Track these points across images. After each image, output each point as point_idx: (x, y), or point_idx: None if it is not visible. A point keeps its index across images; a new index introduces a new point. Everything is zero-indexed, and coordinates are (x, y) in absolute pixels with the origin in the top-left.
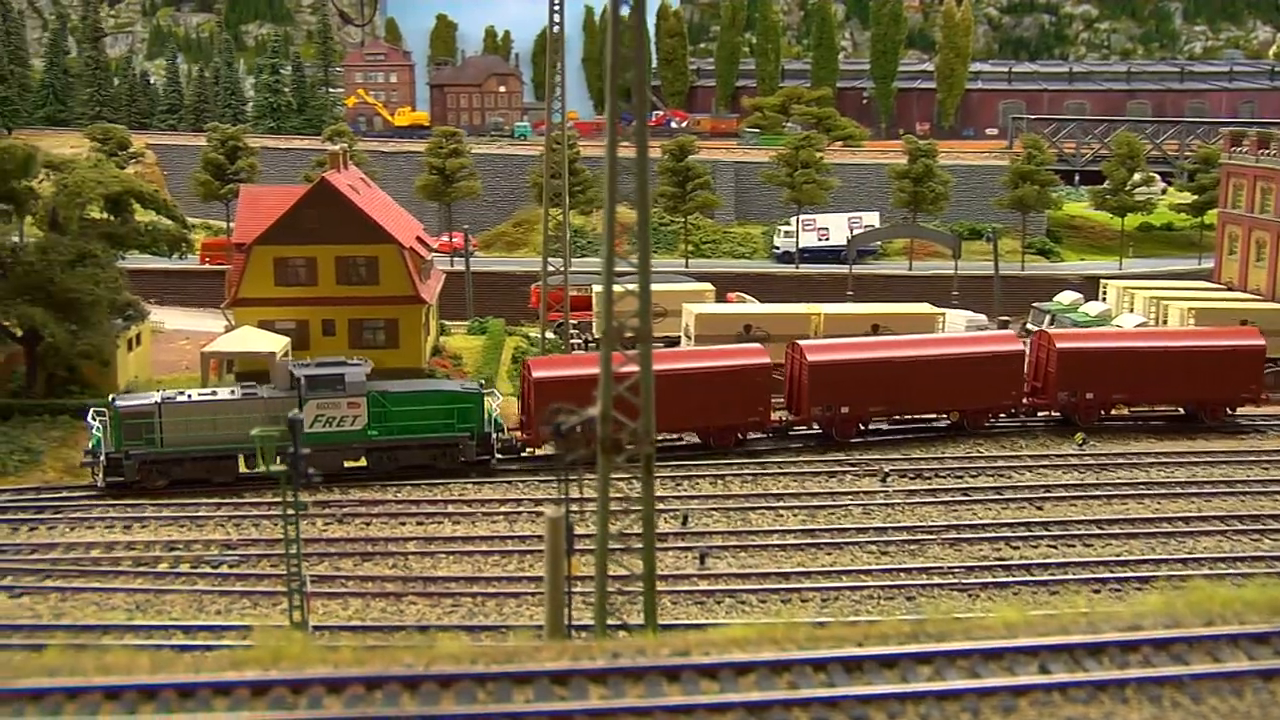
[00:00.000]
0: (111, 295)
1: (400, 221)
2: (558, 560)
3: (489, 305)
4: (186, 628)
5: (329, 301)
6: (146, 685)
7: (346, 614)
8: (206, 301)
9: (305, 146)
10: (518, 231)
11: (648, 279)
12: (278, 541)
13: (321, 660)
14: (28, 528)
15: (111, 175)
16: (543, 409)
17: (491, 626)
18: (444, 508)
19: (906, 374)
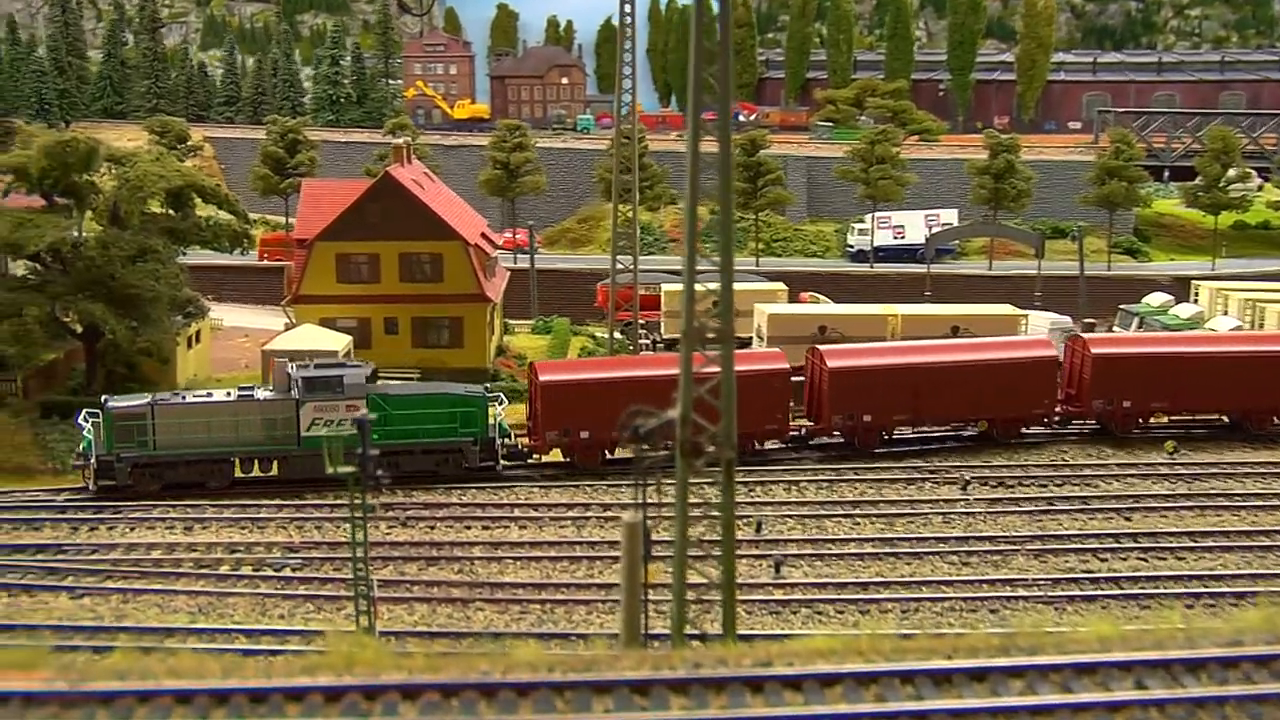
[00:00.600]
0: (172, 291)
1: (464, 217)
2: (635, 566)
3: (553, 304)
4: (249, 631)
5: (392, 299)
6: (218, 690)
7: (412, 619)
8: (265, 298)
9: (365, 140)
10: (582, 228)
11: (730, 278)
12: (340, 544)
13: (395, 666)
14: (88, 528)
15: (173, 169)
16: (549, 413)
17: (562, 634)
18: (510, 511)
19: (932, 381)
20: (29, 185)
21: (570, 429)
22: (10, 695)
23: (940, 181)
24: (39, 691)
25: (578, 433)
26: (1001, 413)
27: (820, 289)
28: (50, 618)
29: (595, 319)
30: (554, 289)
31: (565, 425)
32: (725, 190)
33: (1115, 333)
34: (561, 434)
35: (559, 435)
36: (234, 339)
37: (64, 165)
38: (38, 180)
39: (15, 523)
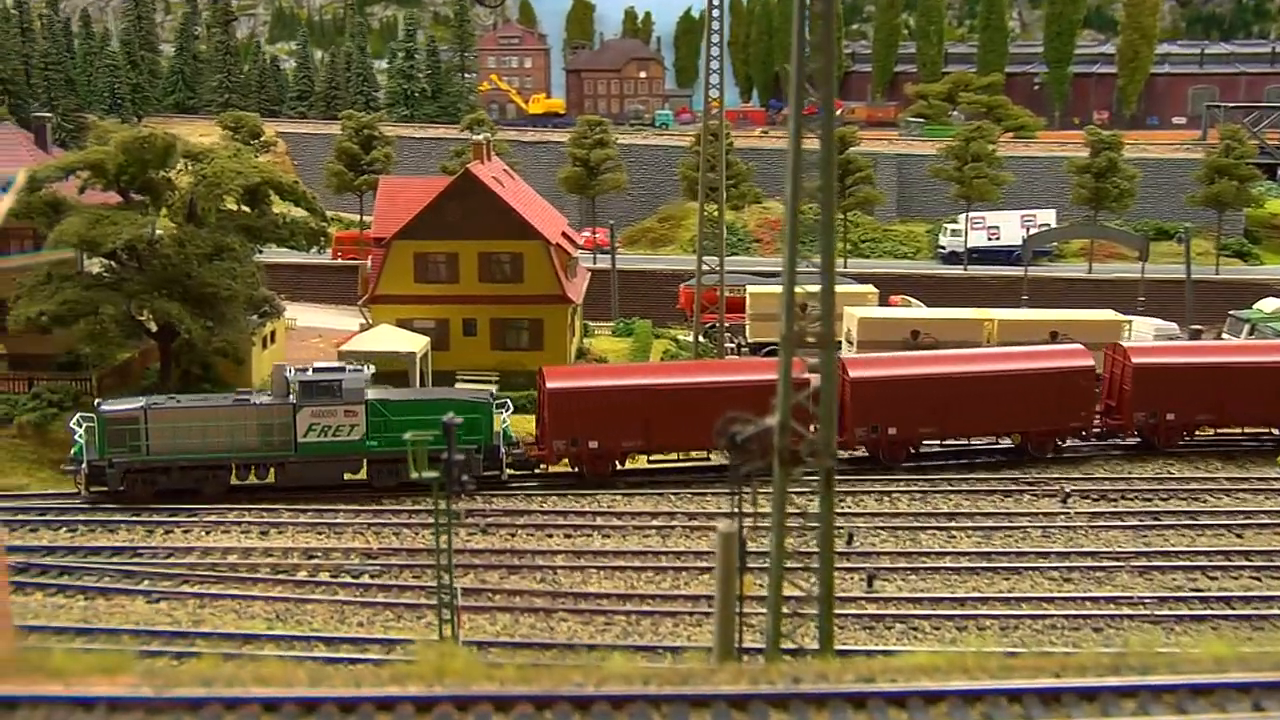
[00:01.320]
0: (248, 290)
1: (545, 216)
2: (730, 577)
3: (634, 305)
4: (328, 639)
5: (470, 300)
6: (306, 698)
7: (494, 629)
8: (338, 298)
9: (441, 136)
10: (663, 227)
11: (831, 281)
12: (419, 551)
13: (487, 677)
14: (163, 530)
15: (251, 165)
16: (557, 422)
17: (649, 647)
18: (592, 520)
19: (960, 392)
20: (105, 181)
21: (579, 438)
22: (96, 700)
23: (1037, 180)
24: (124, 697)
25: (586, 442)
26: (1034, 425)
27: (911, 292)
28: (127, 622)
29: (677, 321)
30: (634, 290)
31: (574, 434)
32: (828, 190)
33: (1225, 340)
34: (569, 443)
35: (567, 445)
36: (307, 339)
37: (141, 161)
38: (114, 176)
39: (91, 524)
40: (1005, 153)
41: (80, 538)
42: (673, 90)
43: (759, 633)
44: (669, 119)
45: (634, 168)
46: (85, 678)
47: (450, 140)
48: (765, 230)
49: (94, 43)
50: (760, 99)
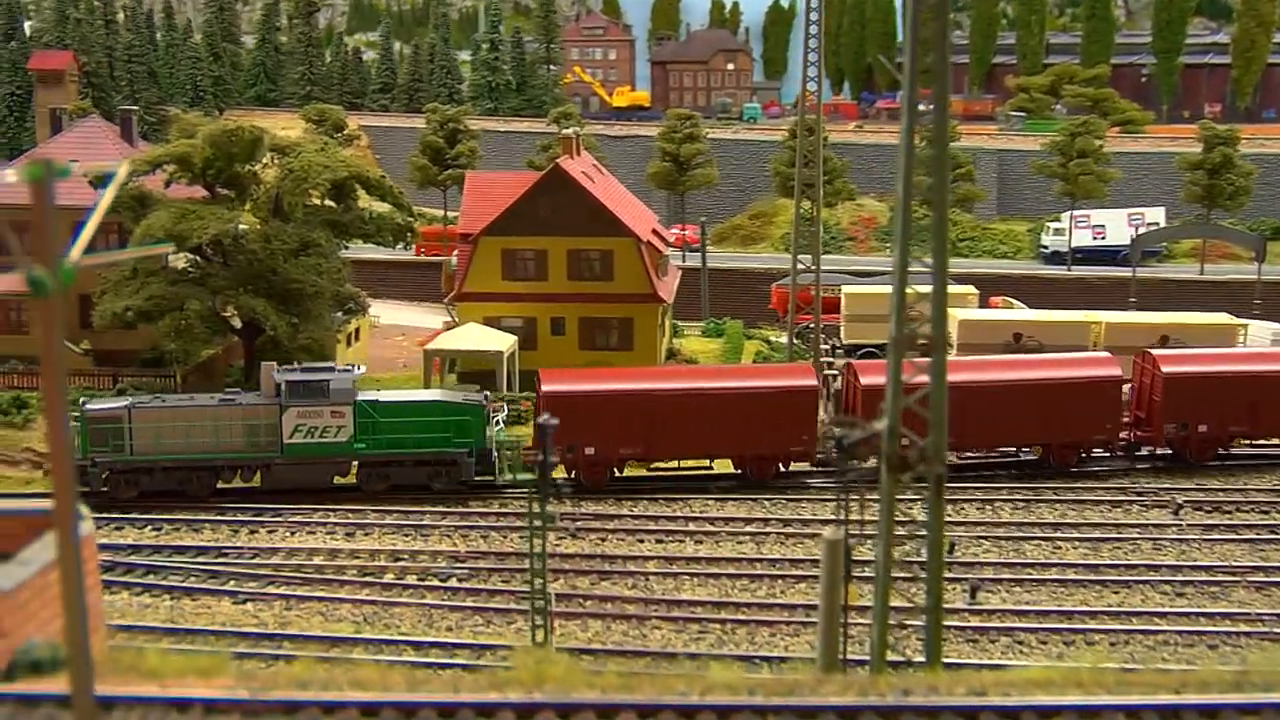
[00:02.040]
0: (334, 286)
1: (636, 213)
2: (835, 586)
3: (724, 305)
4: (417, 644)
5: (559, 298)
6: (405, 703)
7: (586, 636)
8: (419, 295)
9: (526, 129)
10: (754, 225)
11: (944, 281)
12: (508, 555)
13: (588, 684)
14: (247, 530)
15: (338, 160)
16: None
17: (746, 656)
18: (684, 525)
19: (975, 401)
20: (191, 175)
21: (575, 444)
22: (191, 702)
23: (1145, 177)
24: (221, 699)
25: (583, 449)
26: (1055, 437)
27: (1011, 293)
28: (214, 623)
29: (769, 322)
30: (724, 289)
31: (569, 440)
32: (941, 189)
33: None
34: (565, 450)
35: (562, 451)
36: (390, 337)
37: (228, 155)
38: (201, 170)
39: (175, 523)
40: (1112, 148)
41: (165, 536)
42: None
43: (858, 644)
44: (757, 112)
45: (724, 163)
46: (181, 679)
47: (536, 134)
48: (859, 228)
49: (176, 35)
50: (852, 92)
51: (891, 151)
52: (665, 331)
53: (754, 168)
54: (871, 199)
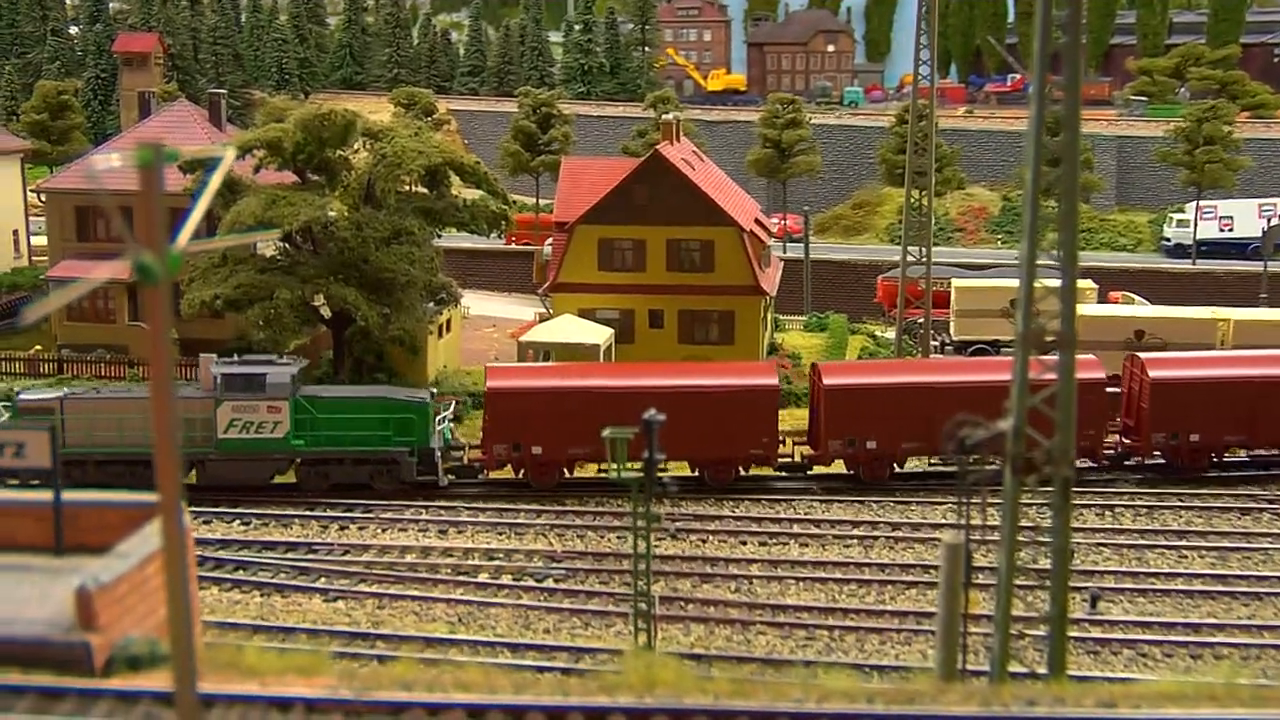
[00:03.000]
0: (427, 276)
1: (738, 201)
2: (955, 593)
3: (826, 298)
4: (514, 645)
5: (657, 290)
6: (512, 705)
7: (688, 640)
8: (510, 285)
9: (621, 114)
10: (857, 214)
11: (1074, 274)
12: (605, 555)
13: (700, 690)
14: (338, 526)
15: (432, 145)
16: (498, 425)
17: (855, 664)
18: (789, 527)
19: (945, 402)
20: (281, 160)
21: (521, 443)
22: (293, 701)
23: (1276, 165)
24: (323, 699)
25: (529, 448)
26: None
27: (1131, 287)
28: (305, 620)
29: (873, 316)
30: (827, 282)
31: (515, 439)
32: (1071, 178)
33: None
34: (511, 449)
35: (508, 450)
36: (481, 329)
37: (319, 140)
38: (291, 155)
39: (264, 518)
40: (1242, 134)
41: (254, 531)
42: (862, 65)
43: (973, 654)
44: (859, 97)
45: (826, 150)
46: (280, 677)
47: (631, 119)
48: (969, 219)
49: (261, 16)
50: (959, 74)
51: (1002, 138)
52: (767, 325)
53: (858, 155)
54: (981, 188)
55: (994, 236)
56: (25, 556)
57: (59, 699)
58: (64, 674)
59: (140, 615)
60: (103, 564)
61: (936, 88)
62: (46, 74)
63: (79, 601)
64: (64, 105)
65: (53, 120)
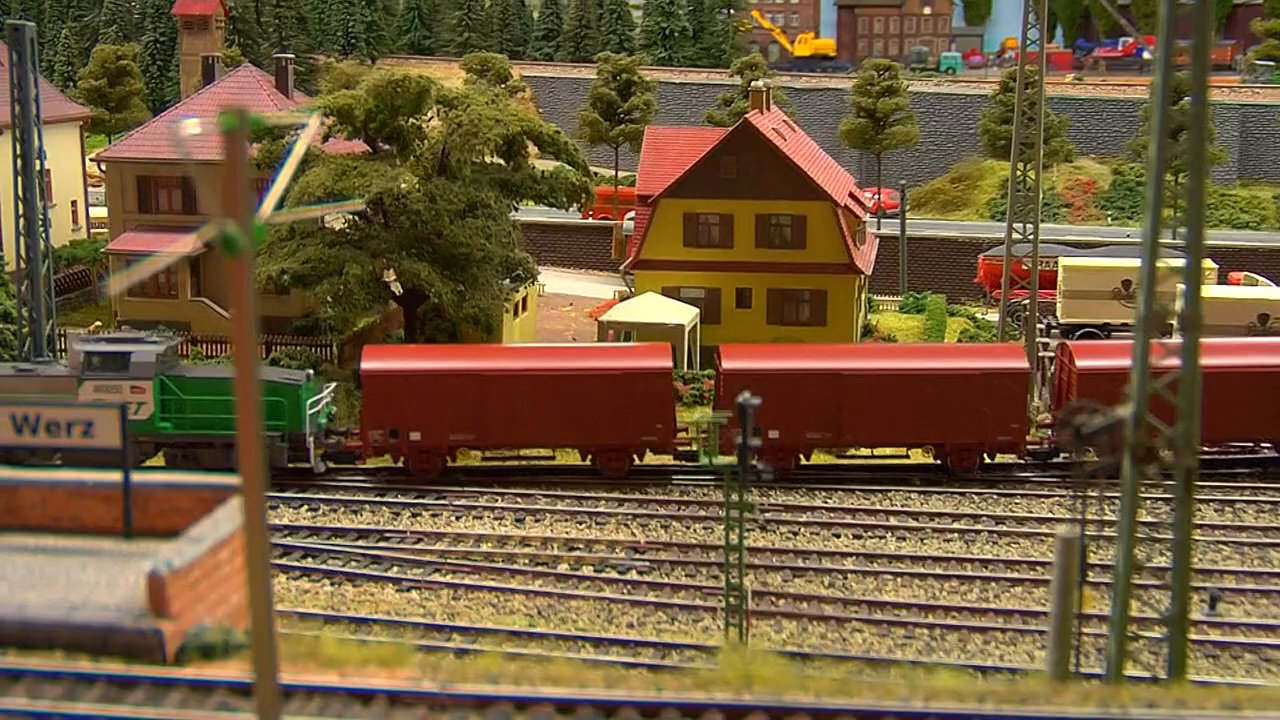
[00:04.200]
0: (503, 251)
1: (831, 174)
2: (1068, 590)
3: (923, 277)
4: (596, 640)
5: (745, 267)
6: (604, 701)
7: (780, 637)
8: (585, 261)
9: (704, 81)
10: (956, 189)
11: (1201, 253)
12: (691, 547)
13: (801, 687)
14: (409, 513)
15: (509, 113)
16: (374, 409)
17: (957, 665)
18: (884, 520)
19: (847, 392)
20: (351, 129)
21: (399, 429)
22: (374, 693)
23: None
24: (406, 691)
25: (407, 434)
26: (950, 438)
27: (1254, 268)
28: (377, 610)
29: (973, 297)
30: (923, 260)
31: (392, 424)
32: (1198, 151)
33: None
34: (387, 435)
35: (384, 436)
36: (557, 307)
37: (391, 108)
38: (362, 124)
39: (333, 504)
40: None
41: (322, 518)
42: (961, 29)
43: (1084, 656)
44: (956, 62)
45: (924, 119)
46: (361, 668)
47: (715, 86)
48: (1076, 193)
49: None
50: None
51: (1113, 107)
52: (860, 306)
53: (957, 125)
54: (1090, 161)
55: (1103, 213)
56: (93, 540)
57: (130, 688)
58: (134, 662)
59: (212, 602)
60: (175, 548)
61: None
62: (103, 38)
63: (151, 587)
64: (123, 71)
65: (111, 86)
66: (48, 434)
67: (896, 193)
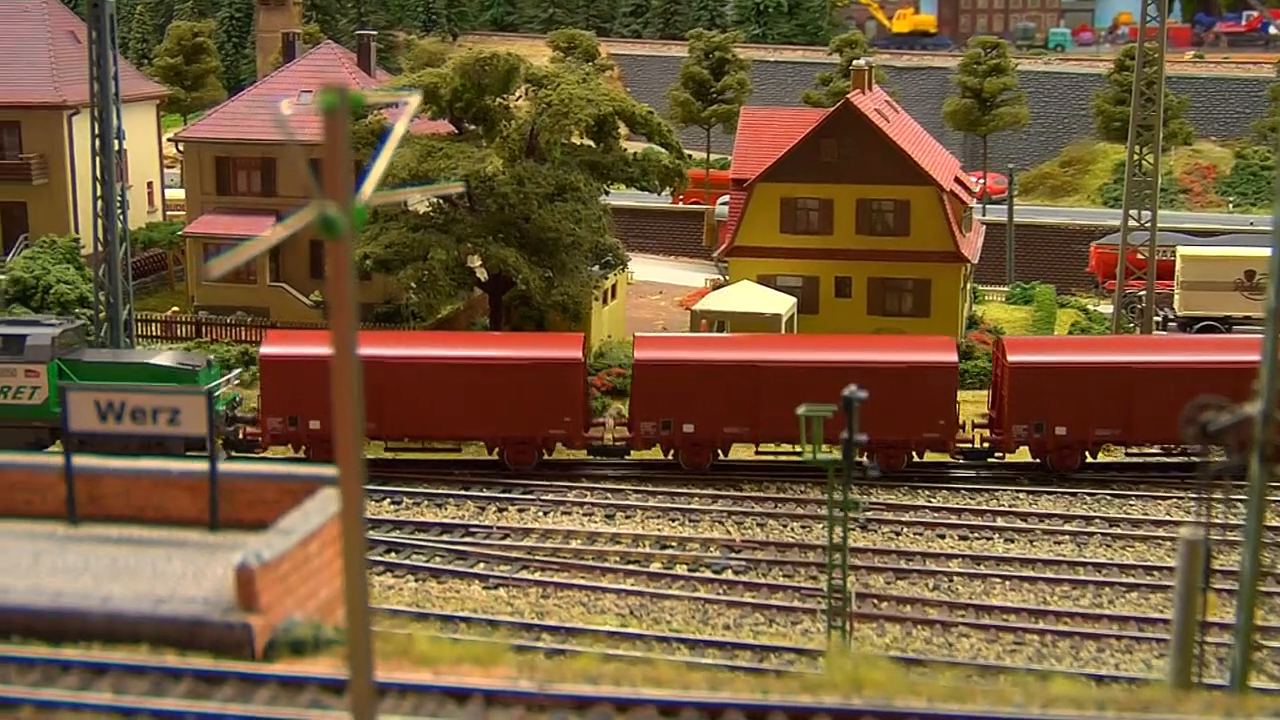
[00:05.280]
0: (594, 237)
1: (936, 158)
2: (1192, 596)
3: (1030, 266)
4: (691, 642)
5: (845, 255)
6: (708, 703)
7: (883, 641)
8: (674, 248)
9: (800, 59)
10: (1066, 173)
11: None
12: (789, 546)
13: (912, 691)
14: (495, 507)
15: (601, 93)
16: (272, 396)
17: (1071, 673)
18: (992, 520)
19: (764, 385)
20: (436, 109)
21: (297, 417)
22: (470, 692)
23: None
24: (503, 690)
25: (306, 422)
26: (878, 433)
27: None
28: (463, 608)
29: (1084, 287)
30: (1031, 248)
31: (290, 412)
32: None
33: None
34: (286, 423)
35: (283, 424)
36: (646, 295)
37: (478, 86)
38: (448, 103)
39: (416, 496)
40: None
41: (405, 511)
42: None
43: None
44: (1066, 39)
45: (1033, 100)
46: (455, 666)
47: (812, 64)
48: (1195, 178)
49: None
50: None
51: (1236, 86)
52: (966, 297)
53: (1068, 105)
54: (1211, 143)
55: (1224, 199)
56: (177, 531)
57: (218, 683)
58: (222, 657)
59: (302, 596)
60: (264, 540)
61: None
62: (179, 14)
63: (240, 580)
64: (199, 48)
65: (186, 64)
66: (133, 421)
67: (1003, 177)
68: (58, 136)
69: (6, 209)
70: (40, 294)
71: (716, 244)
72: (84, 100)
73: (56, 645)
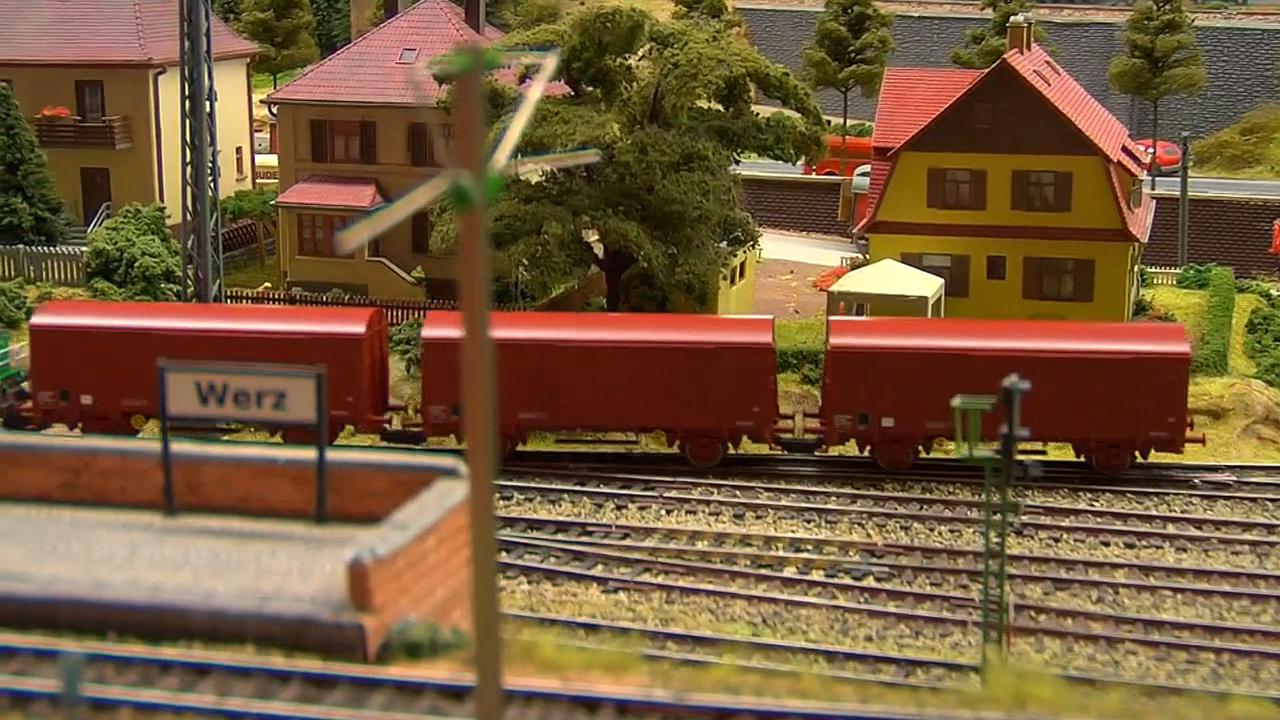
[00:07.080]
0: (722, 210)
1: (1102, 125)
2: None
3: (1205, 246)
4: (830, 654)
5: (999, 231)
6: (857, 717)
7: (1041, 657)
8: (807, 223)
9: (949, 14)
10: (1247, 142)
11: None
12: (936, 552)
13: (1081, 709)
14: (613, 505)
15: (733, 53)
16: (42, 368)
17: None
18: (1162, 526)
19: (564, 367)
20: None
21: (70, 391)
22: (601, 701)
23: None
24: (636, 700)
25: (78, 397)
26: (688, 421)
27: None
28: (581, 613)
29: (1268, 270)
30: (1206, 225)
31: (63, 386)
32: None
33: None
34: (58, 397)
35: (55, 399)
36: (776, 274)
37: (598, 45)
38: (565, 63)
39: (528, 491)
40: None
41: (516, 507)
42: None
43: None
44: None
45: (1209, 59)
46: (584, 674)
47: (961, 20)
48: None
49: None
50: None
51: None
52: (1133, 279)
53: (1251, 66)
54: None
55: None
56: (282, 523)
57: (328, 687)
58: (332, 659)
59: (417, 596)
60: (378, 535)
61: None
62: None
63: (353, 577)
64: (290, 2)
65: (277, 20)
66: (236, 405)
67: (1176, 146)
68: (143, 97)
69: (88, 176)
70: (124, 267)
71: (854, 219)
72: (171, 58)
73: (155, 644)
